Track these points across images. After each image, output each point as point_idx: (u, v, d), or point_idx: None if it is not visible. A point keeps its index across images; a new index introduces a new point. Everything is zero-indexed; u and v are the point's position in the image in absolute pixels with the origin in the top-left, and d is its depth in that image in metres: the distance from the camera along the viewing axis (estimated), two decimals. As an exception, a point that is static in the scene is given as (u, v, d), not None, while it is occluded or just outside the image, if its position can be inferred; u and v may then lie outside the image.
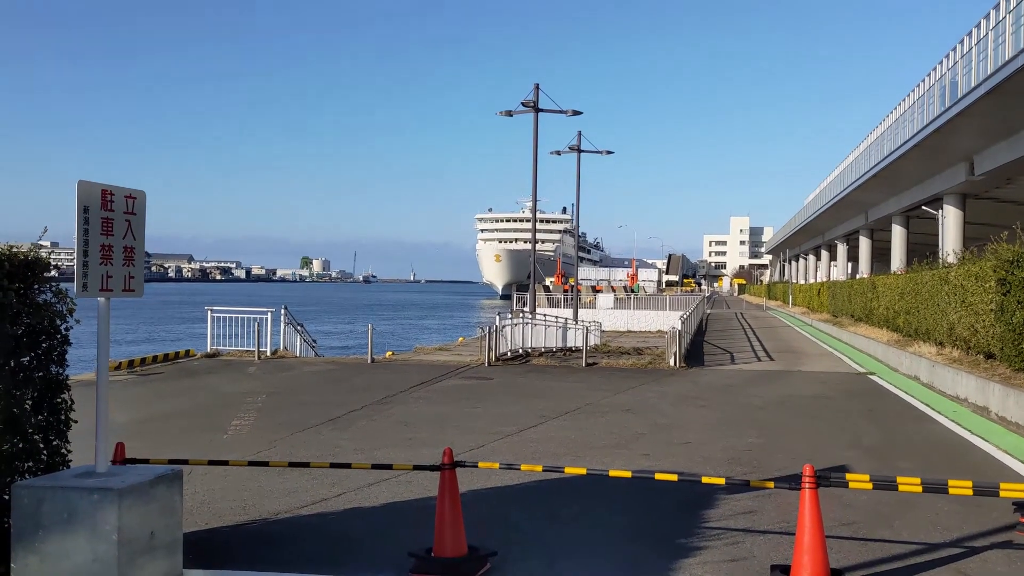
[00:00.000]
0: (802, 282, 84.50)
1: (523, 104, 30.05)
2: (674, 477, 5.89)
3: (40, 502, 5.18)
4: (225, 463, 6.88)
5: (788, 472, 9.20)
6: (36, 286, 5.67)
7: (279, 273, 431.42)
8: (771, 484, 5.93)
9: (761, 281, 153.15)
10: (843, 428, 12.41)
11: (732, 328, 41.56)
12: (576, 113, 31.60)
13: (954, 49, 30.48)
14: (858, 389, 17.30)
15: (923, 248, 54.52)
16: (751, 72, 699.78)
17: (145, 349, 36.76)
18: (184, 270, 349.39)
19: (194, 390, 16.07)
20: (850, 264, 72.18)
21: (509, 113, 30.71)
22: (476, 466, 6.41)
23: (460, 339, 34.43)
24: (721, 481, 5.83)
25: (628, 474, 5.98)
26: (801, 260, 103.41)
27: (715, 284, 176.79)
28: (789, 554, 6.11)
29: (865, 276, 48.22)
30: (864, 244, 58.04)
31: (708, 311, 57.43)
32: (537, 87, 30.04)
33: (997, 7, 25.82)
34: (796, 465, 9.56)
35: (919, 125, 32.72)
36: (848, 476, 5.48)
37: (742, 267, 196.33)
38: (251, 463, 7.01)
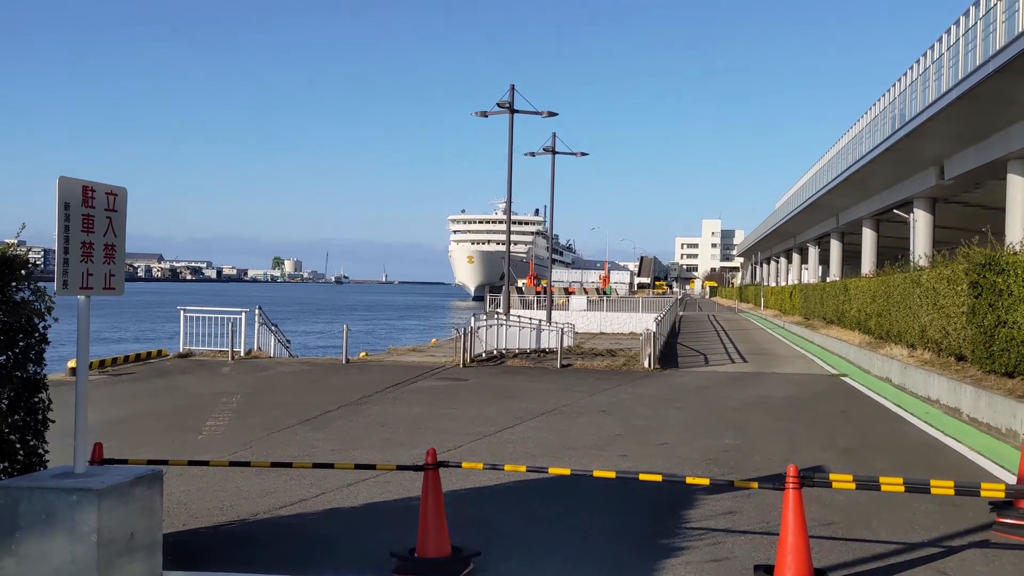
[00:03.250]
0: (773, 285, 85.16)
1: (498, 105, 30.02)
2: (658, 477, 5.90)
3: (17, 503, 5.10)
4: (206, 463, 6.80)
5: (765, 473, 9.26)
6: (13, 284, 5.58)
7: (251, 273, 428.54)
8: (755, 484, 5.95)
9: (732, 283, 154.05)
10: (818, 429, 12.50)
11: (705, 330, 41.78)
12: (551, 114, 31.60)
13: (924, 55, 30.87)
14: (831, 391, 17.44)
15: (892, 251, 55.11)
16: (723, 75, 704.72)
17: (116, 349, 36.30)
18: (154, 270, 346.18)
19: (167, 390, 15.90)
20: (821, 267, 72.86)
21: (484, 114, 30.66)
22: (460, 466, 6.38)
23: (433, 340, 34.30)
24: (706, 481, 5.85)
25: (612, 475, 5.99)
26: (772, 263, 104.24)
27: (687, 286, 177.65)
28: (771, 554, 6.15)
29: (836, 279, 48.69)
30: (835, 247, 58.61)
31: (680, 313, 57.69)
32: (513, 88, 30.03)
33: (967, 13, 26.17)
34: (773, 466, 9.62)
35: (891, 130, 33.09)
36: (832, 476, 5.51)
37: (714, 270, 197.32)
38: (232, 463, 6.94)
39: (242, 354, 21.64)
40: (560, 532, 6.96)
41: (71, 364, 17.18)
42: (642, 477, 5.87)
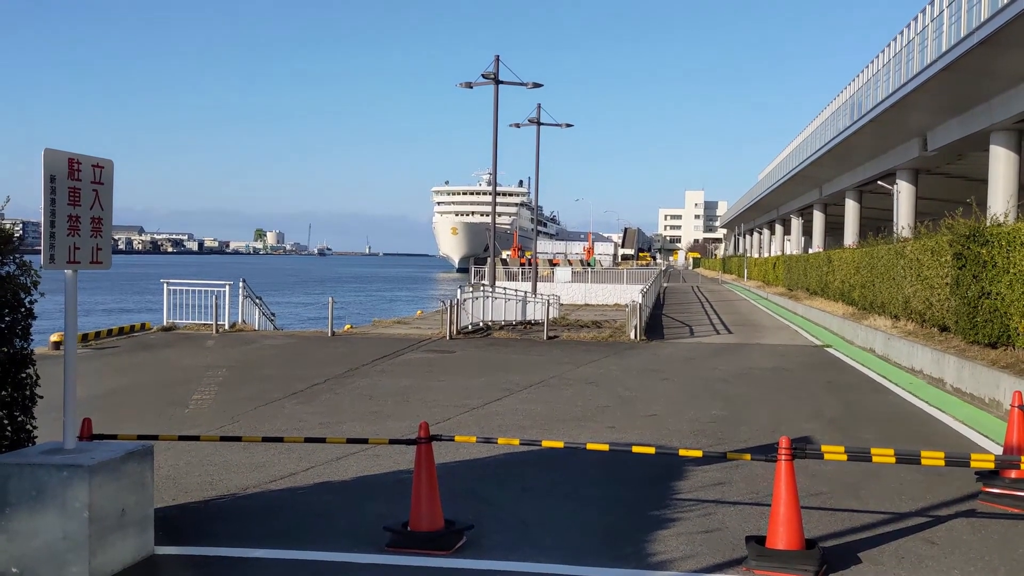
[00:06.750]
0: (756, 256, 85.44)
1: (483, 76, 29.82)
2: (651, 450, 5.91)
3: (6, 479, 5.06)
4: (196, 438, 6.76)
5: (754, 443, 9.32)
6: (-1, 258, 5.49)
7: (232, 245, 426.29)
8: (748, 456, 5.97)
9: (716, 255, 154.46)
10: (804, 400, 12.57)
11: (690, 301, 41.90)
12: (536, 85, 31.46)
13: (908, 26, 30.84)
14: (816, 361, 17.54)
15: (875, 222, 55.42)
16: (707, 46, 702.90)
17: (99, 322, 36.06)
18: (135, 242, 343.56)
19: (152, 364, 15.82)
20: (804, 238, 73.13)
21: (469, 85, 30.46)
22: (453, 440, 6.36)
23: (419, 312, 34.32)
24: (699, 453, 5.86)
25: (606, 447, 5.99)
26: (755, 234, 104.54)
27: (670, 258, 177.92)
28: (761, 524, 6.18)
29: (819, 250, 48.85)
30: (818, 218, 58.81)
31: (665, 284, 57.83)
32: (497, 59, 29.82)
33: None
34: (761, 437, 9.68)
35: (874, 101, 33.10)
36: (824, 448, 5.53)
37: (697, 241, 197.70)
38: (223, 438, 6.90)
39: (226, 327, 21.55)
40: (552, 504, 6.98)
41: (55, 337, 17.05)
42: (635, 450, 5.88)
